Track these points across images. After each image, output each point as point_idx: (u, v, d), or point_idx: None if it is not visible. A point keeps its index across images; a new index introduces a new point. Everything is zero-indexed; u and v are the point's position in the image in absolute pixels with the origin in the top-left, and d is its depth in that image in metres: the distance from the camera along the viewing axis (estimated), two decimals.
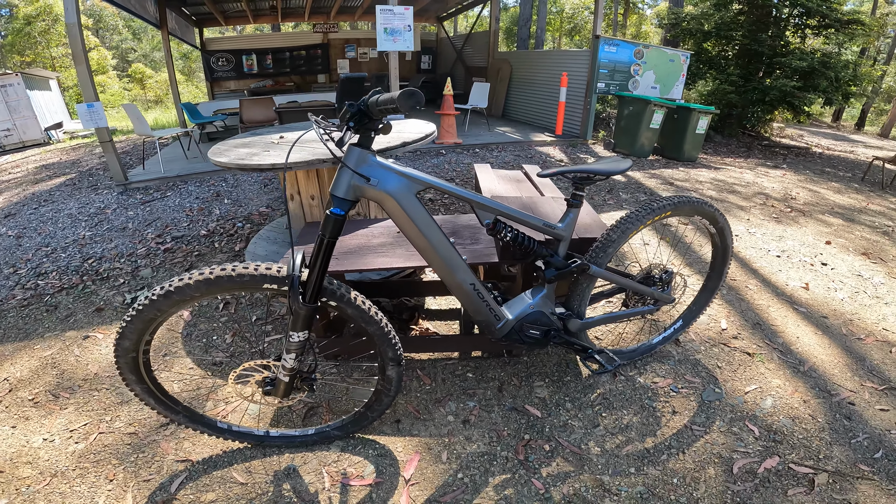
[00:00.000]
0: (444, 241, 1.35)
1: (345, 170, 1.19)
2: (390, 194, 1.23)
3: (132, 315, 1.20)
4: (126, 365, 1.28)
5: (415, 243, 1.34)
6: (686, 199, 1.67)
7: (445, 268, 1.37)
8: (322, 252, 1.20)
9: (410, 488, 1.49)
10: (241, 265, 1.21)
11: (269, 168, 1.99)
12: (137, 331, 1.22)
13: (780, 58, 7.14)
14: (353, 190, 1.20)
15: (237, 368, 1.42)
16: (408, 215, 1.27)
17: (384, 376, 1.47)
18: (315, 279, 1.21)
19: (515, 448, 1.63)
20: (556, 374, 1.97)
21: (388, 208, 1.26)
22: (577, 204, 1.55)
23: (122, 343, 1.24)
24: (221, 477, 1.50)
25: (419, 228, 1.29)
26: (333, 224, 1.19)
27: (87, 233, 3.72)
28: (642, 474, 1.55)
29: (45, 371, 2.07)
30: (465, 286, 1.43)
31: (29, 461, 1.59)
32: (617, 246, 1.61)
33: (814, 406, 1.79)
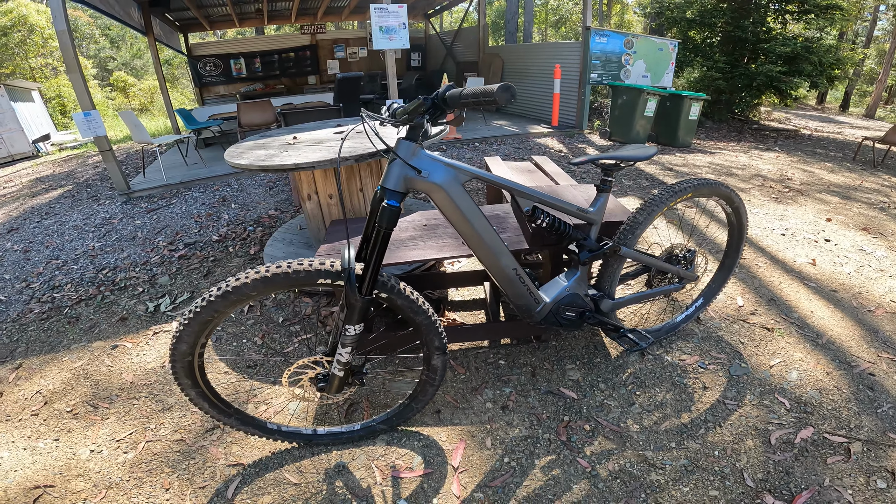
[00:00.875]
0: (489, 229, 1.38)
1: (396, 162, 1.21)
2: (440, 185, 1.26)
3: (189, 318, 1.20)
4: (182, 369, 1.28)
5: (462, 232, 1.36)
6: (705, 182, 1.73)
7: (491, 254, 1.41)
8: (378, 244, 1.22)
9: (460, 475, 1.52)
10: (295, 262, 1.22)
11: (295, 167, 1.99)
12: (194, 333, 1.23)
13: (764, 44, 7.27)
14: (405, 182, 1.22)
15: (290, 367, 1.43)
16: (456, 205, 1.30)
17: (429, 366, 1.49)
18: (371, 271, 1.23)
19: (556, 430, 1.67)
20: (585, 357, 2.00)
21: (437, 199, 1.29)
22: (607, 189, 1.61)
23: (178, 347, 1.24)
24: (274, 479, 1.51)
25: (467, 217, 1.32)
26: (390, 215, 1.20)
27: (97, 244, 3.67)
28: (683, 448, 1.58)
29: (79, 382, 2.06)
30: (508, 271, 1.46)
31: (80, 474, 1.58)
32: (644, 227, 1.65)
33: (837, 378, 1.84)
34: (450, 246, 1.79)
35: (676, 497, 1.43)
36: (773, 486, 1.44)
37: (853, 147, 6.32)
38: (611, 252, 1.63)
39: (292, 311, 2.44)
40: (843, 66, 7.69)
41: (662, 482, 1.48)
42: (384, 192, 1.22)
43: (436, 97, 1.13)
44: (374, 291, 1.28)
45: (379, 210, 1.21)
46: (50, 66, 17.09)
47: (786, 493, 1.41)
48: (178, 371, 1.29)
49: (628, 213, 1.84)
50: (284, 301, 2.52)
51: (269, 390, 1.91)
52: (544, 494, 1.45)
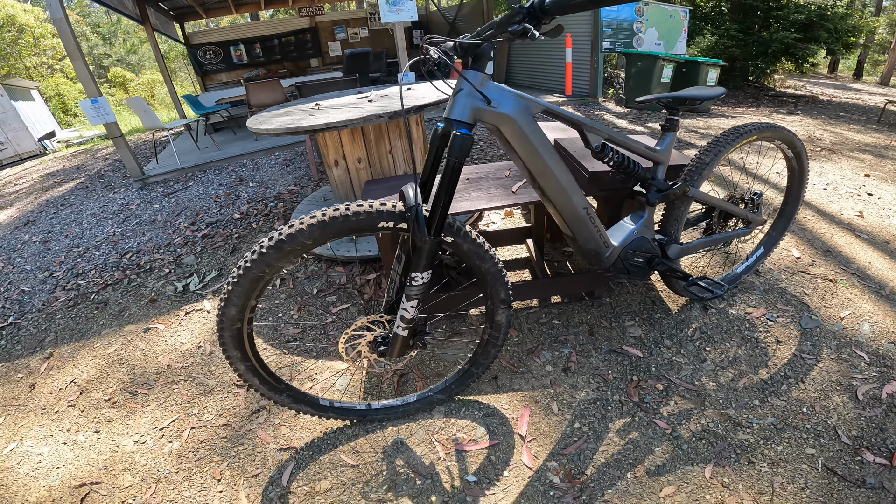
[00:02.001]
0: (562, 164, 1.21)
1: (463, 92, 1.05)
2: (511, 116, 1.09)
3: (238, 275, 1.02)
4: (231, 339, 1.10)
5: (533, 168, 1.19)
6: (770, 125, 1.60)
7: (563, 192, 1.24)
8: (449, 177, 1.04)
9: (529, 445, 1.36)
10: (353, 204, 1.04)
11: (325, 127, 1.78)
12: (244, 294, 1.03)
13: (776, 11, 6.88)
14: (472, 113, 1.06)
15: (347, 330, 1.24)
16: (528, 137, 1.13)
17: (493, 323, 1.31)
18: (441, 207, 1.05)
19: (626, 391, 1.50)
20: (644, 313, 1.82)
21: (508, 131, 1.12)
22: (673, 128, 1.46)
23: (227, 311, 1.05)
24: (330, 461, 1.35)
25: (539, 151, 1.16)
26: (462, 143, 1.03)
27: (117, 229, 3.49)
28: (768, 406, 1.42)
29: (113, 369, 1.91)
30: (580, 210, 1.29)
31: (126, 468, 1.43)
32: (710, 168, 1.50)
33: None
34: (500, 196, 1.58)
35: (770, 456, 1.27)
36: (869, 442, 1.29)
37: (875, 111, 5.99)
38: (680, 192, 1.47)
39: (326, 281, 2.26)
40: (858, 33, 7.29)
41: (752, 441, 1.32)
42: (450, 123, 1.05)
43: (532, 5, 0.94)
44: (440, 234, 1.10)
45: (450, 140, 1.04)
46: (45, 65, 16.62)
47: (884, 450, 1.26)
48: (226, 341, 1.10)
49: (687, 159, 1.69)
50: (316, 272, 2.34)
51: (312, 365, 1.74)
52: (624, 459, 1.30)
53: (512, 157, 1.21)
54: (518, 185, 1.66)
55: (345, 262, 2.34)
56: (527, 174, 1.23)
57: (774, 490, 1.18)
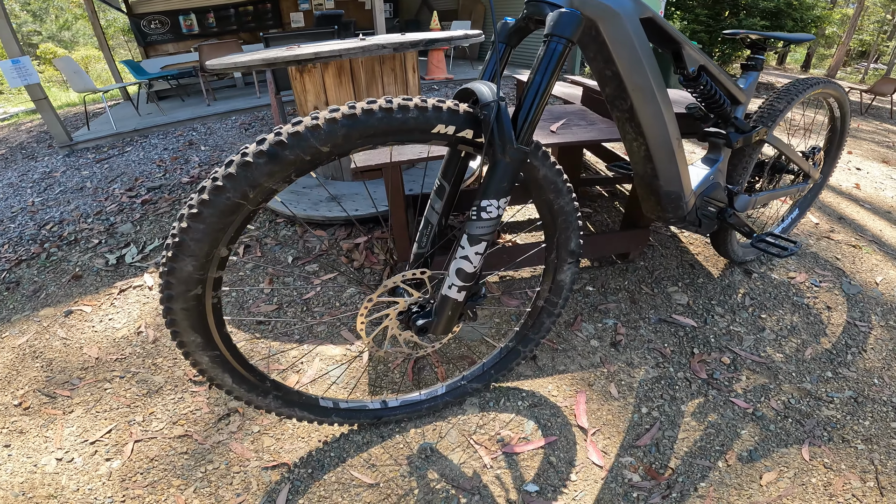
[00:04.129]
0: (661, 81, 0.88)
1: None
2: (618, 11, 0.78)
3: (200, 201, 0.57)
4: (185, 313, 0.64)
5: (632, 81, 0.87)
6: (831, 81, 1.47)
7: (661, 116, 0.92)
8: (554, 66, 0.69)
9: (593, 438, 1.01)
10: (397, 98, 0.60)
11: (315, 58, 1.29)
12: (209, 237, 0.59)
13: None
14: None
15: (370, 296, 0.81)
16: (634, 43, 0.82)
17: (553, 283, 0.94)
18: (534, 108, 0.69)
19: (690, 366, 1.19)
20: (686, 277, 1.51)
21: (611, 30, 0.79)
22: (758, 66, 1.24)
23: (178, 267, 0.59)
24: (339, 481, 0.94)
25: (644, 62, 0.85)
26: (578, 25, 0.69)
27: (36, 199, 2.75)
28: (842, 378, 1.18)
29: (25, 364, 1.36)
30: (673, 142, 0.97)
31: (50, 494, 0.96)
32: (782, 115, 1.29)
33: None
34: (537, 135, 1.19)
35: (861, 432, 1.04)
36: None
37: None
38: (760, 135, 1.23)
39: (303, 247, 1.77)
40: (820, 24, 7.41)
41: (839, 417, 1.08)
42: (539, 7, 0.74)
43: None
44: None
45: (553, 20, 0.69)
46: None
47: None
48: (178, 317, 0.64)
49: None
50: (290, 237, 1.84)
51: (295, 351, 1.29)
52: (709, 446, 1.00)
53: (597, 68, 0.85)
54: (557, 125, 1.27)
55: (325, 224, 1.85)
56: (614, 91, 0.87)
57: (877, 468, 0.97)
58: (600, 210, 1.95)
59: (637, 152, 0.98)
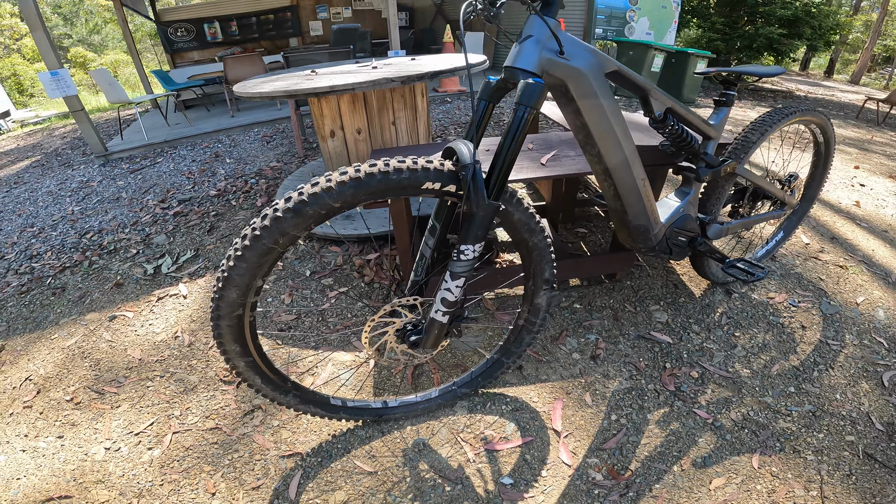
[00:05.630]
0: (627, 130, 1.05)
1: (531, 40, 0.88)
2: (584, 70, 0.93)
3: (243, 247, 0.78)
4: (230, 329, 0.86)
5: (599, 131, 1.03)
6: (812, 109, 1.54)
7: (625, 159, 1.09)
8: (518, 129, 0.85)
9: (565, 440, 1.19)
10: (393, 160, 0.81)
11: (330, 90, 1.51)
12: (249, 271, 0.80)
13: (762, 6, 6.85)
14: (541, 63, 0.89)
15: (372, 317, 1.02)
16: (598, 96, 0.98)
17: (531, 306, 1.13)
18: (503, 166, 0.86)
19: (661, 379, 1.35)
20: (669, 297, 1.67)
21: (577, 88, 0.95)
22: (729, 102, 1.35)
23: (226, 294, 0.81)
24: (343, 469, 1.14)
25: (609, 113, 1.00)
26: (534, 91, 0.84)
27: (76, 208, 3.08)
28: (803, 393, 1.32)
29: (75, 364, 1.61)
30: (637, 182, 1.13)
31: (99, 479, 1.18)
32: (756, 147, 1.41)
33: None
34: (528, 168, 1.38)
35: (813, 444, 1.18)
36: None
37: (851, 108, 6.14)
38: (730, 168, 1.34)
39: (319, 262, 2.00)
40: (840, 30, 7.37)
41: (794, 429, 1.22)
42: (513, 73, 0.88)
43: None
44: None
45: (519, 88, 0.86)
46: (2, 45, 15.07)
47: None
48: (223, 332, 0.86)
49: (728, 138, 1.58)
50: (308, 252, 2.08)
51: (311, 357, 1.51)
52: (668, 452, 1.16)
53: (570, 119, 1.02)
54: (547, 157, 1.46)
55: (340, 241, 2.08)
56: (584, 139, 1.05)
57: (822, 478, 1.10)
58: (595, 230, 2.12)
59: (608, 191, 1.17)
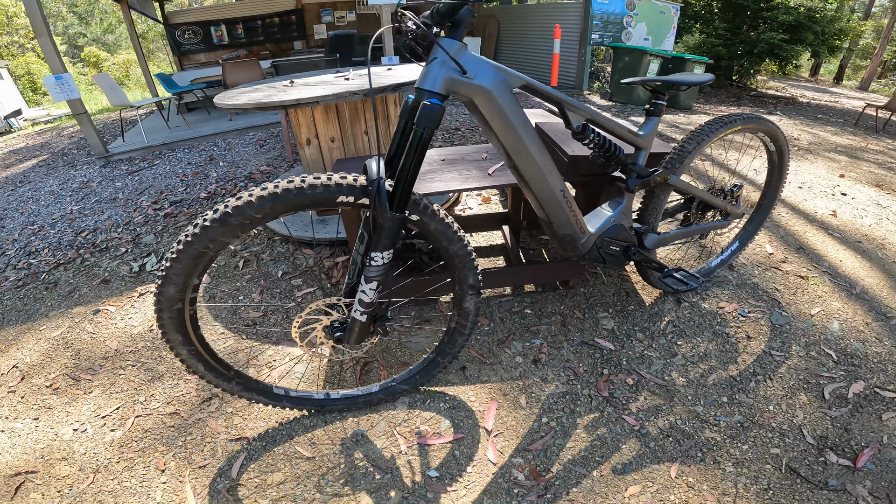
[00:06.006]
0: (540, 143, 1.14)
1: (437, 61, 0.97)
2: (488, 89, 1.02)
3: (178, 250, 0.91)
4: (170, 320, 0.99)
5: (510, 146, 1.12)
6: (755, 116, 1.54)
7: (540, 172, 1.17)
8: (416, 149, 0.96)
9: (495, 439, 1.28)
10: (310, 176, 0.93)
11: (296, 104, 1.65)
12: (185, 271, 0.93)
13: (765, 12, 6.90)
14: (446, 83, 0.98)
15: (301, 313, 1.14)
16: (505, 113, 1.06)
17: (461, 309, 1.23)
18: (404, 183, 0.96)
19: (597, 385, 1.44)
20: (618, 304, 1.76)
21: (483, 104, 1.04)
22: (657, 112, 1.38)
23: (165, 290, 0.94)
24: (284, 453, 1.26)
25: (517, 127, 1.09)
26: (431, 113, 0.94)
27: (74, 207, 3.27)
28: (736, 403, 1.38)
29: (58, 353, 1.76)
30: (556, 193, 1.22)
31: (63, 457, 1.31)
32: (692, 157, 1.45)
33: (877, 329, 1.65)
34: (475, 178, 1.49)
35: (735, 455, 1.23)
36: (833, 443, 1.26)
37: (852, 115, 6.10)
38: (660, 179, 1.41)
39: (292, 263, 2.13)
40: (844, 36, 7.35)
41: (719, 440, 1.28)
42: (421, 93, 0.98)
43: None
44: (406, 212, 1.01)
45: (418, 110, 0.95)
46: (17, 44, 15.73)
47: (847, 451, 1.23)
48: (165, 322, 0.99)
49: (669, 147, 1.63)
50: (283, 254, 2.21)
51: (271, 351, 1.63)
52: (591, 456, 1.24)
53: (488, 134, 1.13)
54: (495, 168, 1.57)
55: (312, 244, 2.21)
56: (503, 152, 1.15)
57: (738, 491, 1.15)
58: None
59: (532, 201, 1.26)
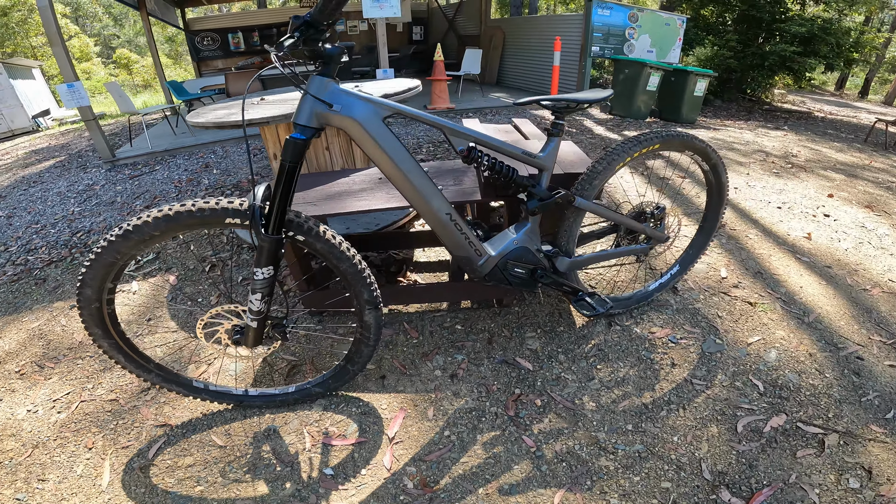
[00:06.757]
0: (416, 168, 1.26)
1: (307, 97, 1.12)
2: (356, 120, 1.16)
3: (91, 259, 1.11)
4: (90, 316, 1.20)
5: (386, 172, 1.26)
6: (675, 133, 1.53)
7: (419, 196, 1.29)
8: (283, 179, 1.11)
9: (394, 447, 1.41)
10: (201, 200, 1.12)
11: (248, 123, 1.86)
12: (98, 277, 1.13)
13: (780, 24, 6.91)
14: (316, 117, 1.13)
15: (204, 316, 1.33)
16: (375, 141, 1.19)
17: (362, 322, 1.38)
18: (277, 208, 1.12)
19: (505, 403, 1.55)
20: (548, 325, 1.87)
21: (355, 135, 1.18)
22: (557, 133, 1.44)
23: (83, 291, 1.15)
24: (200, 440, 1.43)
25: (389, 155, 1.22)
26: (293, 148, 1.11)
27: (76, 209, 3.61)
28: (640, 432, 1.42)
29: (32, 342, 2.00)
30: (441, 216, 1.33)
31: (13, 433, 1.52)
32: (603, 178, 1.49)
33: (820, 360, 1.66)
34: (399, 197, 1.65)
35: (624, 487, 1.26)
36: (732, 479, 1.26)
37: (866, 130, 5.99)
38: (564, 202, 1.46)
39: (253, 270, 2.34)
40: (862, 49, 7.26)
41: (612, 469, 1.31)
42: (294, 126, 1.14)
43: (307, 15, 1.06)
44: (290, 233, 1.19)
45: (284, 145, 1.13)
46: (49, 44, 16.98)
47: (745, 490, 1.23)
48: (86, 318, 1.20)
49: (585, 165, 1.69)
50: (248, 260, 2.42)
51: (211, 349, 1.82)
52: (481, 473, 1.32)
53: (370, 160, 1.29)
54: None
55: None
56: (385, 177, 1.30)
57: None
58: None
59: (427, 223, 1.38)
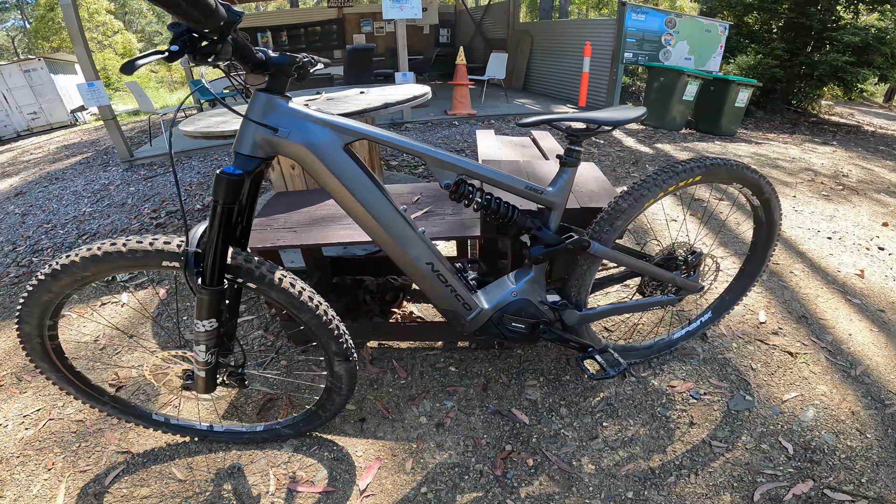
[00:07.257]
0: (386, 208, 1.06)
1: (248, 121, 0.94)
2: (308, 147, 0.96)
3: (24, 297, 1.06)
4: (34, 351, 1.15)
5: (348, 210, 1.06)
6: (722, 162, 1.28)
7: (392, 243, 1.09)
8: (218, 223, 0.93)
9: (364, 500, 1.30)
10: (135, 238, 1.02)
11: (233, 134, 1.80)
12: (35, 315, 1.08)
13: (832, 32, 6.59)
14: (261, 145, 0.95)
15: (153, 358, 1.26)
16: (332, 173, 0.99)
17: (332, 372, 1.28)
18: (214, 256, 0.96)
19: (493, 461, 1.41)
20: (552, 373, 1.72)
21: (308, 166, 0.99)
22: (573, 163, 1.19)
23: (22, 328, 1.10)
24: (160, 472, 1.38)
25: (349, 190, 1.01)
26: (226, 187, 0.91)
27: (88, 209, 3.68)
28: (641, 500, 1.28)
29: (17, 352, 1.99)
30: (421, 266, 1.14)
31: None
32: (628, 217, 1.26)
33: (863, 419, 1.49)
34: None
35: None
36: None
37: None
38: (576, 248, 1.23)
39: None
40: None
41: None
42: (235, 158, 0.95)
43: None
44: (238, 280, 1.06)
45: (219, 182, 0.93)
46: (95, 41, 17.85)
47: None
48: (31, 353, 1.16)
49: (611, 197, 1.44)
50: None
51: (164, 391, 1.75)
52: None
53: None
54: (417, 214, 1.62)
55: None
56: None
57: None
58: None
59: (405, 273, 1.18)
